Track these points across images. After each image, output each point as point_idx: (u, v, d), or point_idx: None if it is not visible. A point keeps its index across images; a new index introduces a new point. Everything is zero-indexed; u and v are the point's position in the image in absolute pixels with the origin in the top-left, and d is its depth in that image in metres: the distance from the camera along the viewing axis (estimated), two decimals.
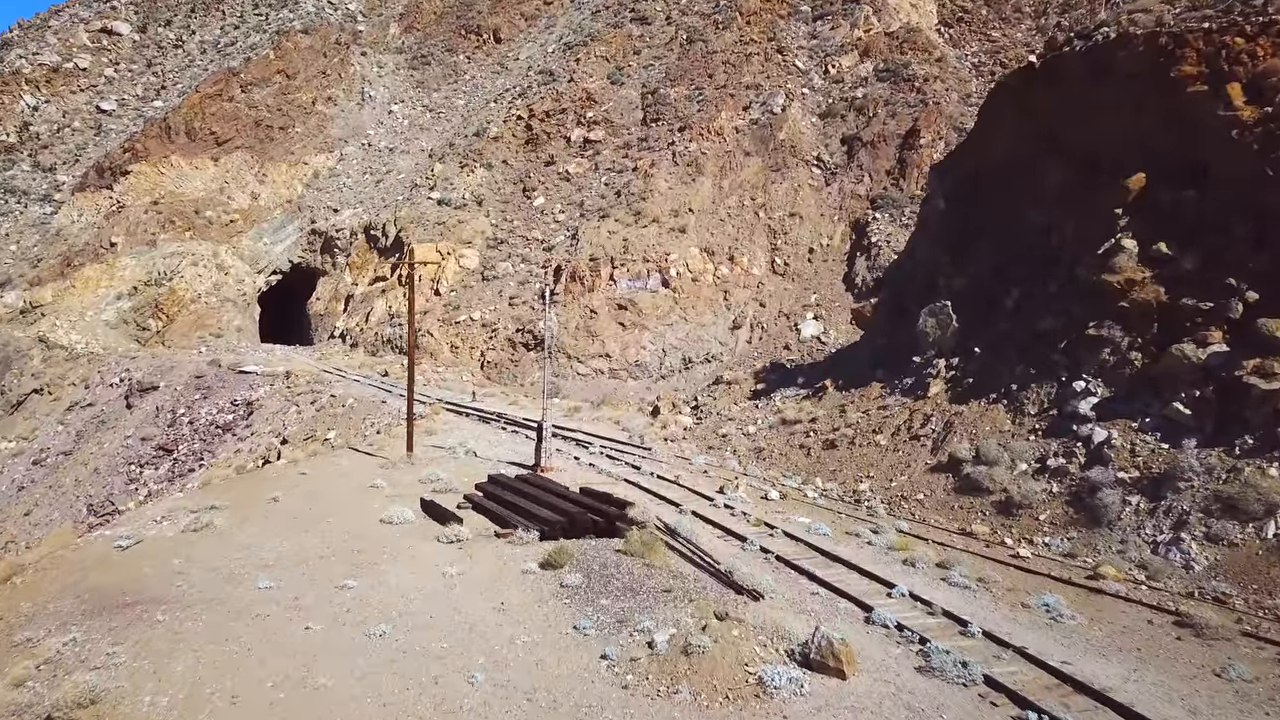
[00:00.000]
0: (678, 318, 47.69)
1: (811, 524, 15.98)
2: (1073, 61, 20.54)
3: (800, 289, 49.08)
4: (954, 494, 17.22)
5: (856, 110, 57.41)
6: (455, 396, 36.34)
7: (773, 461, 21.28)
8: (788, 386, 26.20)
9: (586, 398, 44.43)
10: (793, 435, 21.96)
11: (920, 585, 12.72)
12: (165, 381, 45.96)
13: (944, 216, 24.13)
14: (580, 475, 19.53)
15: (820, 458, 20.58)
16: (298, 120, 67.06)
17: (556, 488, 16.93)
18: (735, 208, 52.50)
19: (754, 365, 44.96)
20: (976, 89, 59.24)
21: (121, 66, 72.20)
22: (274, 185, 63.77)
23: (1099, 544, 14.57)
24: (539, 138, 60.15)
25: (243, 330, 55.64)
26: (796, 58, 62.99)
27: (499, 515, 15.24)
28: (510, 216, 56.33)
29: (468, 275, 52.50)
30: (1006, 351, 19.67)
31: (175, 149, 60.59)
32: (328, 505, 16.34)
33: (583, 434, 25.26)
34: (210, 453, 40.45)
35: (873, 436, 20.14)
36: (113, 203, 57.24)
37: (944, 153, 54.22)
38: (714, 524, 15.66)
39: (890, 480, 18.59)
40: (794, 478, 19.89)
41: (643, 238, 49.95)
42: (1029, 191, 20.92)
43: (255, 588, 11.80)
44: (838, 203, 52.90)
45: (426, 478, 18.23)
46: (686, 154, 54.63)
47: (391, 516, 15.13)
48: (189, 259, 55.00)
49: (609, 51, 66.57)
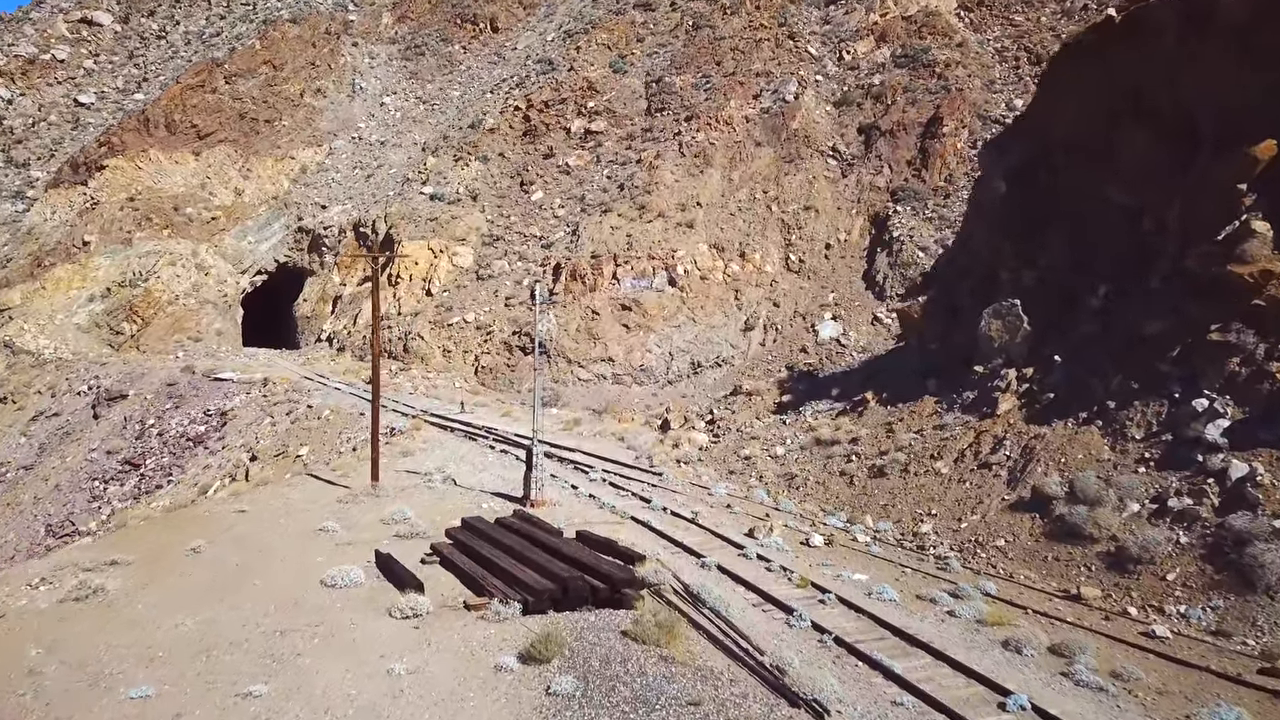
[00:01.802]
0: (685, 318, 44.36)
1: (870, 583, 12.64)
2: (1162, 13, 17.21)
3: (817, 287, 45.71)
4: (1044, 540, 13.87)
5: (874, 98, 54.03)
6: (443, 407, 33.04)
7: (808, 492, 17.95)
8: (819, 398, 22.79)
9: (588, 405, 41.10)
10: (830, 459, 18.62)
11: (1039, 687, 9.39)
12: (135, 389, 42.72)
13: (1004, 201, 20.70)
14: (578, 511, 16.23)
15: (867, 488, 17.22)
16: (285, 113, 63.83)
17: (546, 535, 13.56)
18: (746, 201, 49.15)
19: (769, 369, 41.60)
20: (1000, 75, 55.84)
21: (102, 58, 69.08)
22: (259, 181, 60.54)
23: (1258, 617, 11.23)
24: (537, 129, 56.86)
25: (223, 334, 52.39)
26: (809, 44, 59.64)
27: (472, 576, 11.91)
28: (507, 212, 53.04)
29: (461, 274, 49.20)
30: (1096, 360, 16.32)
31: (154, 142, 57.37)
32: (260, 558, 13.05)
33: (582, 455, 21.94)
34: (180, 467, 37.24)
35: (931, 463, 16.78)
36: (87, 199, 54.05)
37: (968, 141, 50.91)
38: (747, 584, 12.32)
39: (958, 520, 15.24)
40: (837, 514, 16.54)
41: (647, 233, 46.61)
42: (1109, 168, 17.59)
43: (124, 698, 8.47)
44: (855, 195, 49.52)
45: (390, 517, 14.92)
46: (694, 145, 51.27)
47: (336, 577, 11.83)
48: (166, 258, 51.77)
49: (611, 39, 63.28)
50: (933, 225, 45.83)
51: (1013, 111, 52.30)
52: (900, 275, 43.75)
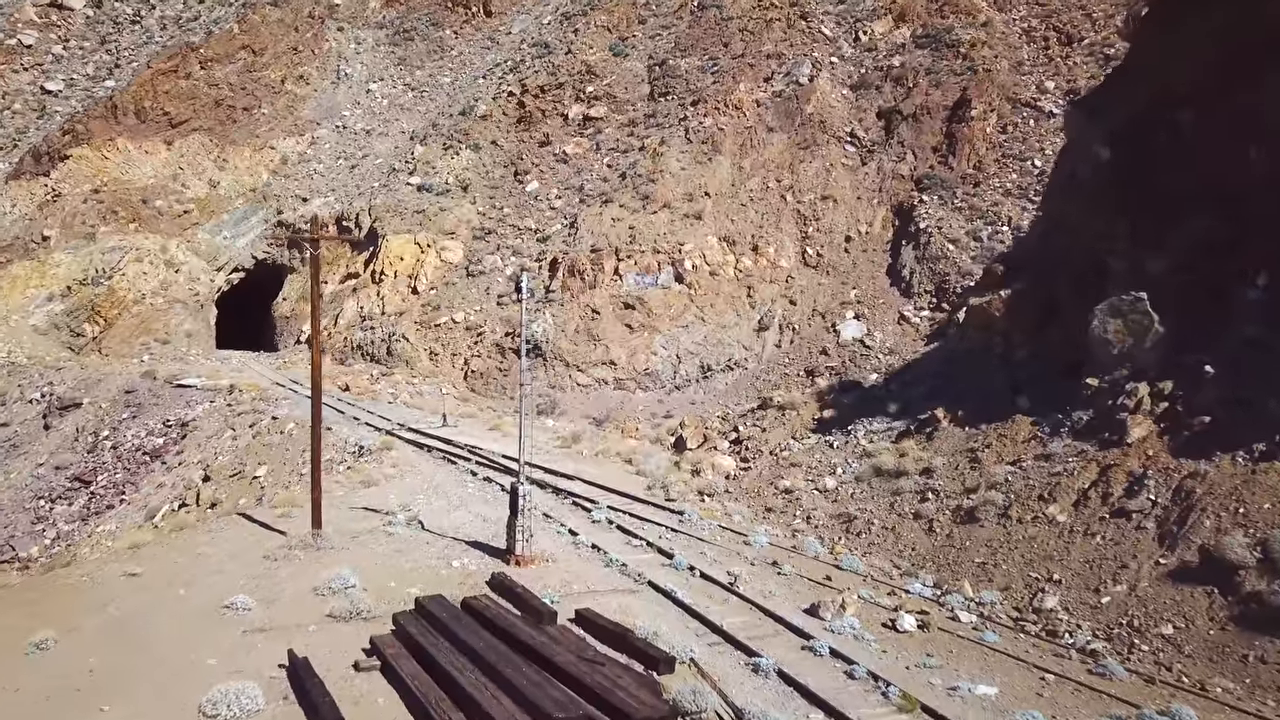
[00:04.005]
0: (694, 318, 40.71)
1: (1003, 702, 8.79)
2: None
3: (837, 283, 42.04)
4: (1234, 629, 10.09)
5: (894, 80, 50.33)
6: (425, 418, 29.36)
7: (874, 540, 14.27)
8: (872, 414, 18.93)
9: (587, 414, 37.41)
10: (898, 496, 14.91)
11: None
12: (90, 397, 39.03)
13: (1109, 171, 16.83)
14: (577, 572, 12.54)
15: (954, 538, 13.51)
16: (264, 100, 60.14)
17: (532, 632, 9.74)
18: (758, 190, 45.48)
19: (786, 373, 37.98)
20: (1029, 56, 52.18)
21: (72, 44, 65.35)
22: (236, 172, 56.85)
23: None
24: (533, 115, 53.16)
25: (194, 336, 48.70)
26: (822, 24, 55.95)
27: (423, 704, 8.20)
28: (500, 203, 49.37)
29: (450, 270, 45.51)
30: (1268, 371, 12.63)
31: (122, 131, 53.66)
32: (129, 658, 9.40)
33: (582, 484, 18.25)
34: (133, 484, 33.58)
35: (1040, 507, 13.09)
36: (48, 191, 50.34)
37: (997, 126, 47.25)
38: (828, 709, 8.48)
39: (1095, 591, 11.48)
40: (920, 574, 12.76)
41: (652, 225, 42.94)
42: (1251, 126, 13.93)
43: None
44: (877, 184, 45.84)
45: (327, 584, 11.23)
46: (701, 130, 47.59)
47: (222, 702, 8.12)
48: (132, 254, 48.06)
49: (611, 21, 59.60)
50: (963, 216, 42.20)
51: (1044, 94, 48.71)
52: (929, 270, 40.12)
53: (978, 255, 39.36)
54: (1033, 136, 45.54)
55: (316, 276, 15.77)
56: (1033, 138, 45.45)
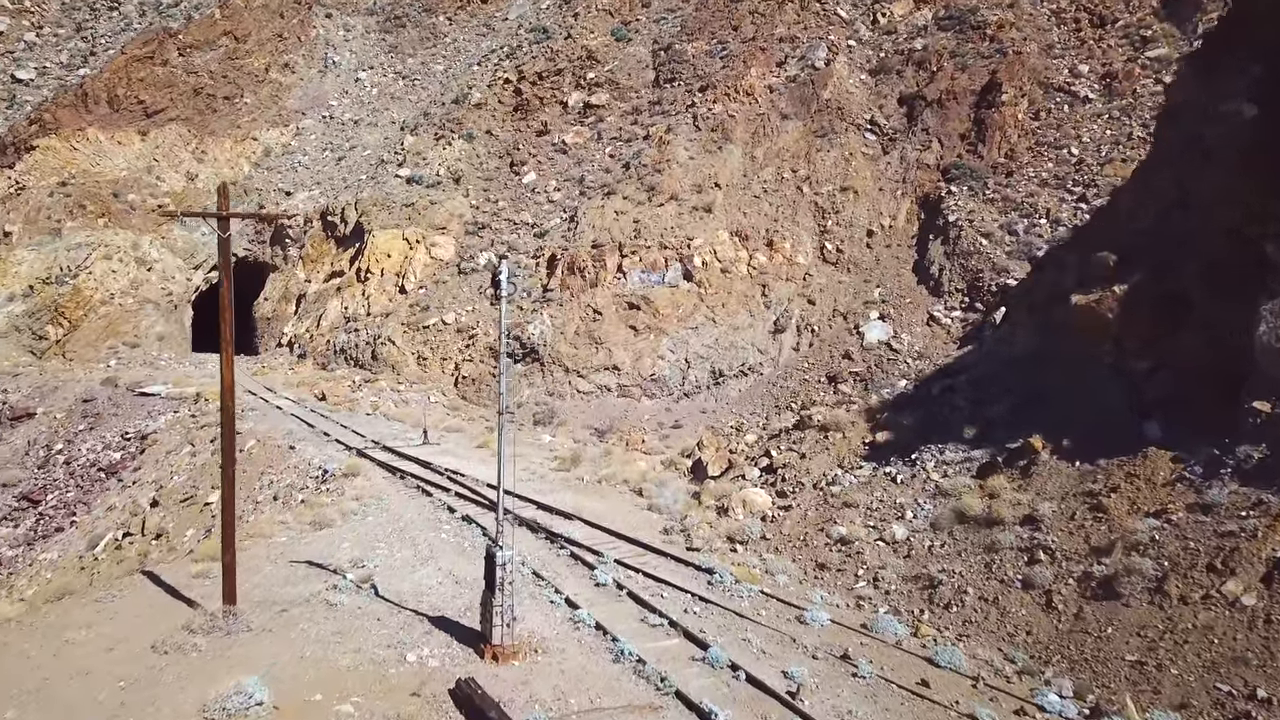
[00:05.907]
0: (704, 318, 37.48)
1: None
2: None
3: (859, 281, 38.74)
4: None
5: (915, 65, 47.03)
6: (404, 433, 26.08)
7: (968, 617, 10.87)
8: (940, 438, 15.01)
9: (588, 423, 34.15)
10: (996, 554, 11.32)
11: None
12: (45, 407, 35.80)
13: (1255, 133, 13.29)
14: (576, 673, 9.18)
15: (1088, 621, 9.90)
16: (247, 89, 56.91)
17: None
18: (772, 181, 42.21)
19: (806, 379, 34.71)
20: (1059, 39, 48.87)
21: (45, 31, 62.13)
22: (215, 164, 53.65)
23: None
24: (530, 103, 49.90)
25: (166, 338, 45.47)
26: (838, 6, 52.65)
27: None
28: (494, 196, 46.11)
29: (440, 268, 42.26)
30: None
31: (93, 120, 50.44)
32: None
33: (583, 525, 14.91)
34: (85, 504, 30.38)
35: (1212, 581, 9.59)
36: (12, 184, 47.10)
37: (1029, 112, 43.92)
38: None
39: None
40: (1047, 673, 9.16)
41: (658, 219, 39.71)
42: None
43: None
44: (900, 174, 42.52)
45: (221, 704, 7.87)
46: (710, 117, 44.35)
47: None
48: (100, 251, 44.81)
49: (612, 4, 56.34)
50: (995, 208, 38.86)
51: (1078, 78, 45.43)
52: (960, 267, 36.79)
53: (1013, 250, 36.09)
54: (1068, 123, 42.22)
55: (227, 266, 12.56)
56: (1068, 124, 42.13)
